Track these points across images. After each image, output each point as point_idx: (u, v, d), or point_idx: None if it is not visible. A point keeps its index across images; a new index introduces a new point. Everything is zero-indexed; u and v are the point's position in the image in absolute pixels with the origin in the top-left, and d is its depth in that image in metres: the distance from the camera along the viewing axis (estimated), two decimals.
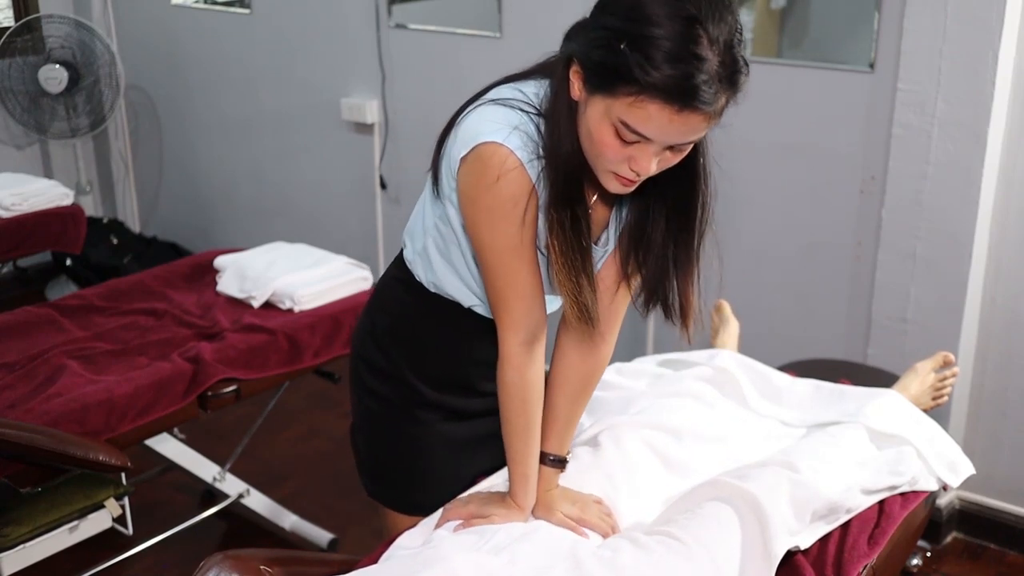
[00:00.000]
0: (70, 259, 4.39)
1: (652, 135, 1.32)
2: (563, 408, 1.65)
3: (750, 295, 3.04)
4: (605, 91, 1.32)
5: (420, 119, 3.70)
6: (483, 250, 1.48)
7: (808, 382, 2.12)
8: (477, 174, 1.43)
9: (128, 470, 2.24)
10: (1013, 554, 2.80)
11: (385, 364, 1.71)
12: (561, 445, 1.67)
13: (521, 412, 1.58)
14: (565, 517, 1.62)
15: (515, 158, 1.41)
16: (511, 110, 1.44)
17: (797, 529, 1.63)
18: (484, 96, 1.50)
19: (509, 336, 1.53)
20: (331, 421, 3.54)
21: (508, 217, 1.43)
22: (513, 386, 1.56)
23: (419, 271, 1.64)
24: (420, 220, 1.63)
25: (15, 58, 4.32)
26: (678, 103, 1.27)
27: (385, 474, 1.79)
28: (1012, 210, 2.60)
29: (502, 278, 1.49)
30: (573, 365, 1.64)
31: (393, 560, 1.52)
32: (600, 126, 1.34)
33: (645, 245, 1.51)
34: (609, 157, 1.36)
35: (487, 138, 1.41)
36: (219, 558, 1.53)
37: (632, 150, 1.34)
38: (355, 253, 3.31)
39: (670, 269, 1.51)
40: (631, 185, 1.40)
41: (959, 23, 2.45)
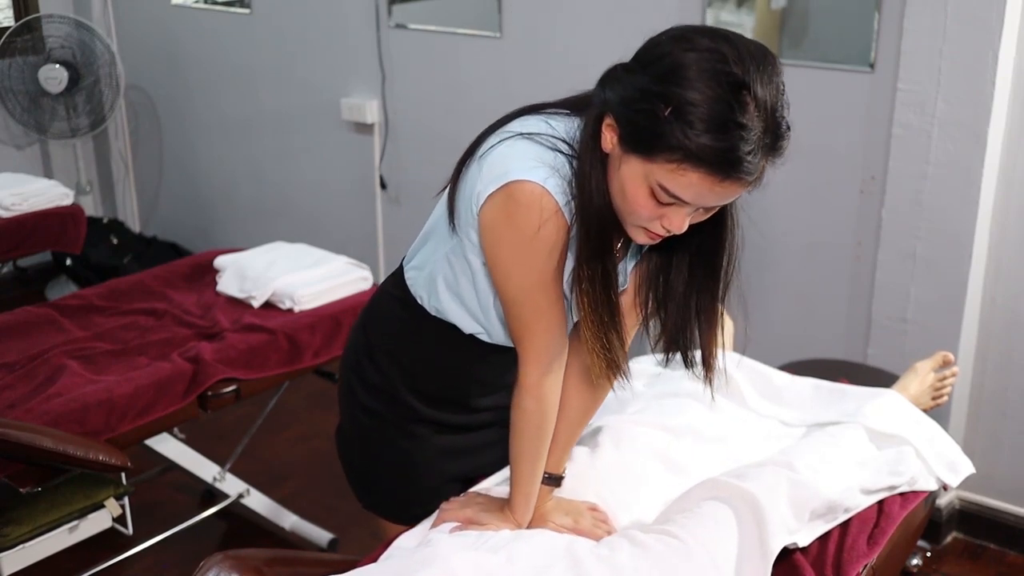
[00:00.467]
0: (70, 259, 4.39)
1: (690, 200, 1.29)
2: (563, 432, 1.63)
3: (750, 295, 3.03)
4: (643, 154, 1.28)
5: (420, 119, 3.70)
6: (511, 287, 1.44)
7: (807, 382, 2.12)
8: (508, 213, 1.37)
9: (128, 470, 2.24)
10: (1013, 554, 2.80)
11: (379, 380, 1.69)
12: (558, 464, 1.66)
13: (535, 438, 1.56)
14: (558, 527, 1.62)
15: (552, 200, 1.36)
16: (543, 148, 1.38)
17: (796, 528, 1.63)
18: (509, 126, 1.44)
19: (532, 368, 1.49)
20: (331, 421, 3.49)
21: (540, 256, 1.39)
22: (531, 413, 1.53)
23: (421, 294, 1.60)
24: (430, 249, 1.58)
25: (15, 58, 4.32)
26: (721, 173, 1.24)
27: (380, 487, 1.78)
28: (1012, 210, 2.60)
29: (529, 312, 1.44)
30: (579, 394, 1.61)
31: (391, 559, 1.52)
32: (635, 186, 1.31)
33: (666, 292, 1.48)
34: (642, 215, 1.33)
35: (520, 176, 1.35)
36: (219, 558, 1.53)
37: (666, 210, 1.32)
38: (355, 253, 3.31)
39: (692, 319, 1.48)
40: (658, 239, 1.38)
41: (959, 23, 2.45)
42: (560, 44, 3.28)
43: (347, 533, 2.90)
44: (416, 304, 1.61)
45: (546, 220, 1.35)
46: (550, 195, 1.35)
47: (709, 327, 1.49)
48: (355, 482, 1.82)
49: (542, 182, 1.35)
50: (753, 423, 2.00)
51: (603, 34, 3.15)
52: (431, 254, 1.57)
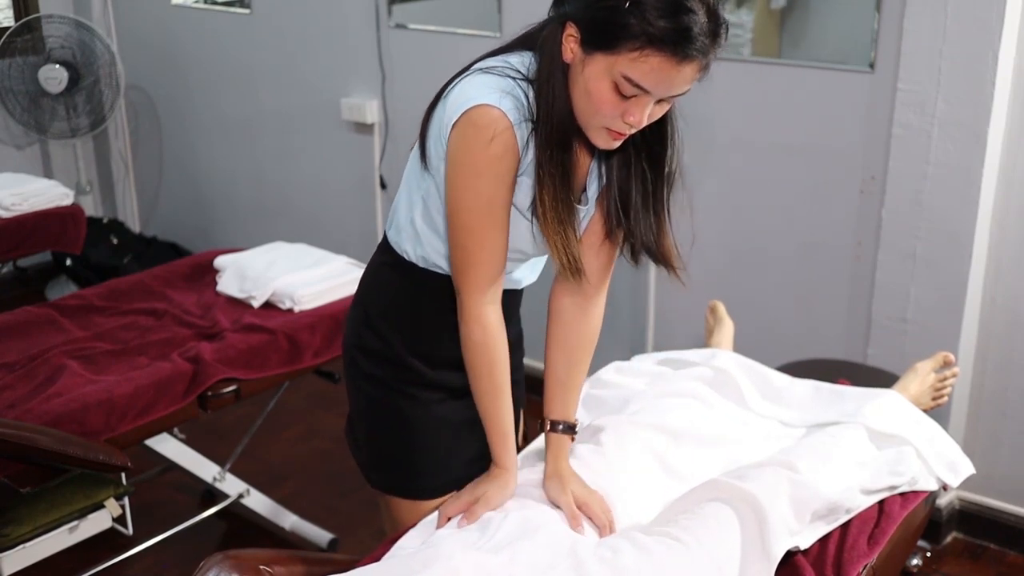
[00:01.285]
0: (70, 259, 4.39)
1: (652, 87, 1.40)
2: (562, 371, 1.70)
3: (750, 295, 3.04)
4: (607, 48, 1.40)
5: (420, 119, 3.69)
6: (459, 211, 1.53)
7: (807, 383, 2.12)
8: (468, 136, 1.48)
9: (128, 470, 2.24)
10: (1013, 554, 2.80)
11: (381, 347, 1.72)
12: (566, 410, 1.71)
13: (489, 372, 1.62)
14: (572, 498, 1.64)
15: (506, 119, 1.47)
16: (500, 77, 1.50)
17: (797, 529, 1.63)
18: (470, 68, 1.56)
19: (474, 296, 1.58)
20: (331, 421, 3.54)
21: (489, 176, 1.49)
22: (479, 345, 1.60)
23: (407, 247, 1.67)
24: (405, 199, 1.66)
25: (15, 58, 4.32)
26: (679, 54, 1.37)
27: (385, 459, 1.79)
28: (1012, 210, 2.60)
29: (473, 238, 1.54)
30: (568, 326, 1.70)
31: (393, 559, 1.52)
32: (600, 83, 1.42)
33: (625, 200, 1.58)
34: (606, 112, 1.44)
35: (478, 101, 1.47)
36: (219, 558, 1.53)
37: (628, 104, 1.43)
38: (355, 253, 3.31)
39: (651, 219, 1.59)
40: (620, 139, 1.49)
41: (959, 23, 2.45)
42: None
43: (347, 533, 2.91)
44: (404, 261, 1.68)
45: (499, 137, 1.47)
46: (503, 114, 1.46)
47: (660, 223, 1.60)
48: (363, 461, 1.83)
49: (497, 103, 1.47)
50: (753, 423, 2.00)
51: None
52: (407, 202, 1.66)
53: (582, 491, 1.66)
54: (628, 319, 3.33)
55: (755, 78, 2.89)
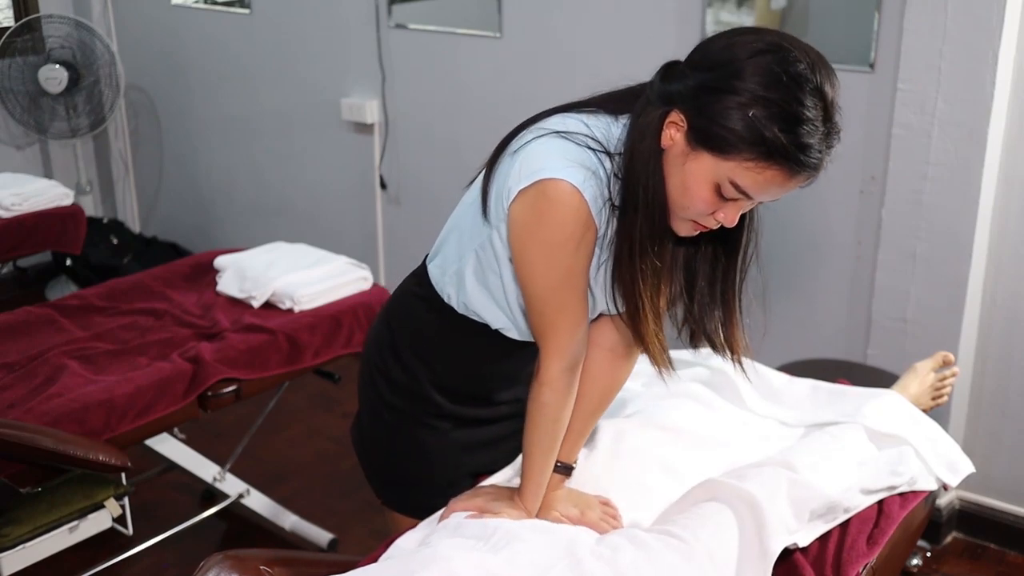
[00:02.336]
0: (70, 259, 4.39)
1: (758, 195, 1.34)
2: (578, 421, 1.66)
3: (750, 295, 3.03)
4: (719, 152, 1.31)
5: (420, 119, 3.70)
6: (535, 282, 1.46)
7: (806, 382, 2.12)
8: (539, 210, 1.39)
9: (128, 470, 2.24)
10: (1013, 554, 2.80)
11: (405, 379, 1.71)
12: (570, 454, 1.68)
13: (550, 431, 1.58)
14: (561, 516, 1.63)
15: (582, 198, 1.38)
16: (579, 147, 1.40)
17: (795, 528, 1.63)
18: (545, 123, 1.46)
19: (554, 362, 1.52)
20: (331, 421, 3.54)
21: (567, 253, 1.42)
22: (549, 407, 1.55)
23: (449, 292, 1.61)
24: (455, 244, 1.59)
25: (15, 58, 4.32)
26: (796, 169, 1.30)
27: (399, 483, 1.80)
28: (1012, 210, 2.60)
29: (553, 308, 1.47)
30: (595, 378, 1.64)
31: (392, 559, 1.52)
32: (701, 182, 1.34)
33: (691, 281, 1.52)
34: (700, 210, 1.37)
35: (554, 175, 1.38)
36: (219, 558, 1.53)
37: (725, 204, 1.36)
38: (355, 253, 3.31)
39: (717, 306, 1.53)
40: (701, 231, 1.42)
41: (959, 23, 2.45)
42: (560, 44, 3.28)
43: (347, 533, 2.91)
44: (442, 303, 1.63)
45: (575, 221, 1.39)
46: (582, 196, 1.38)
47: (730, 312, 1.54)
48: (374, 479, 1.83)
49: (577, 183, 1.37)
50: (752, 424, 2.00)
51: (603, 34, 3.15)
52: (457, 249, 1.58)
53: (572, 510, 1.64)
54: None
55: None
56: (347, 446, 3.31)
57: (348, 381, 2.94)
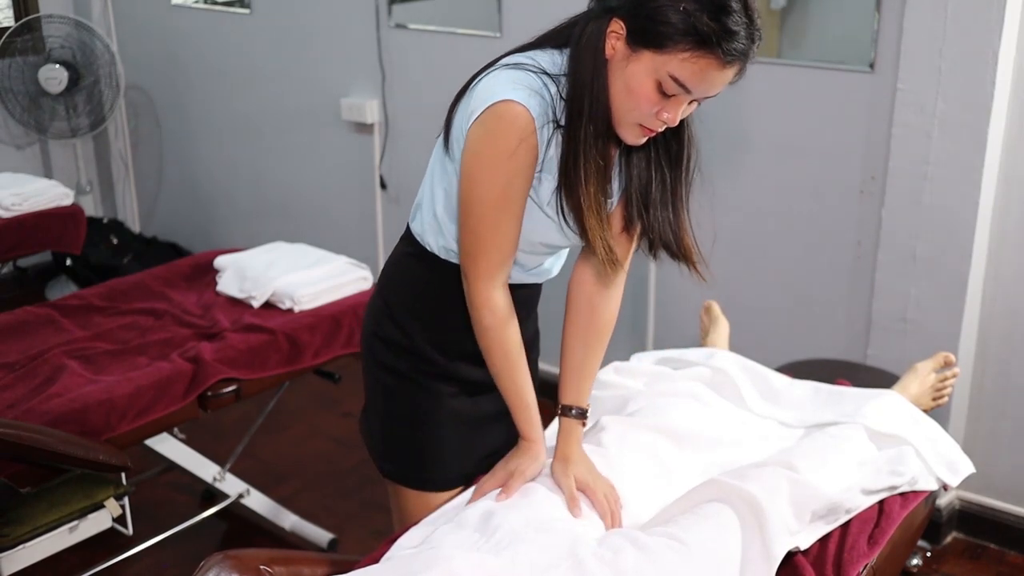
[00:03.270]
0: (70, 259, 4.39)
1: (696, 87, 1.44)
2: (577, 357, 1.74)
3: (750, 295, 3.04)
4: (656, 47, 1.43)
5: (420, 119, 3.70)
6: (473, 201, 1.56)
7: (807, 383, 2.12)
8: (489, 129, 1.51)
9: (128, 470, 2.24)
10: (1013, 554, 2.80)
11: (401, 338, 1.76)
12: (579, 396, 1.74)
13: (502, 352, 1.66)
14: (574, 481, 1.66)
15: (529, 116, 1.49)
16: (527, 73, 1.52)
17: (796, 529, 1.63)
18: (498, 63, 1.58)
19: (483, 281, 1.61)
20: (331, 421, 3.54)
21: (506, 170, 1.52)
22: (491, 328, 1.64)
23: (429, 239, 1.70)
24: (428, 190, 1.70)
25: (15, 58, 4.32)
26: (727, 55, 1.42)
27: (398, 449, 1.82)
28: (1012, 210, 2.60)
29: (485, 226, 1.56)
30: (585, 313, 1.74)
31: (393, 560, 1.52)
32: (644, 81, 1.45)
33: (646, 197, 1.62)
34: (644, 110, 1.47)
35: (503, 96, 1.49)
36: (219, 558, 1.53)
37: (667, 102, 1.47)
38: (355, 253, 3.31)
39: (670, 216, 1.63)
40: (649, 136, 1.53)
41: (959, 23, 2.45)
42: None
43: (347, 533, 2.91)
44: (426, 252, 1.71)
45: (519, 138, 1.50)
46: (527, 111, 1.49)
47: (680, 220, 1.64)
48: (375, 449, 1.86)
49: (523, 101, 1.49)
50: (752, 424, 2.00)
51: None
52: (430, 194, 1.70)
53: (586, 475, 1.67)
54: (628, 319, 3.33)
55: (755, 78, 2.87)
56: (347, 446, 3.32)
57: (348, 381, 2.94)
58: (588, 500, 1.66)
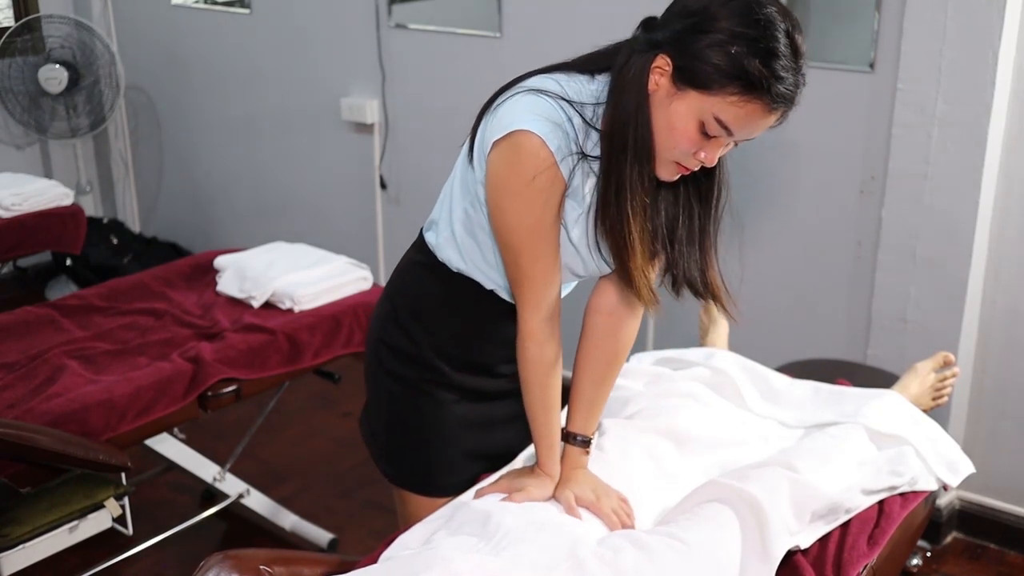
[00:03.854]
0: (70, 259, 4.39)
1: (739, 130, 1.42)
2: (588, 387, 1.71)
3: (750, 295, 3.04)
4: (703, 88, 1.40)
5: (420, 119, 3.70)
6: (508, 232, 1.54)
7: (807, 384, 2.12)
8: (509, 159, 1.49)
9: (128, 470, 2.24)
10: (1013, 554, 2.80)
11: (408, 346, 1.74)
12: (586, 426, 1.72)
13: (542, 385, 1.64)
14: (573, 499, 1.64)
15: (547, 149, 1.47)
16: (549, 102, 1.49)
17: (796, 529, 1.63)
18: (523, 83, 1.55)
19: (531, 314, 1.59)
20: (331, 421, 3.54)
21: (536, 202, 1.50)
22: (535, 362, 1.62)
23: (444, 254, 1.69)
24: (447, 206, 1.68)
25: (15, 58, 4.32)
26: (775, 103, 1.40)
27: (402, 455, 1.81)
28: (1012, 210, 2.60)
29: (525, 257, 1.54)
30: (600, 342, 1.71)
31: (393, 560, 1.52)
32: (687, 119, 1.42)
33: (672, 232, 1.60)
34: (684, 148, 1.45)
35: (522, 126, 1.47)
36: (219, 558, 1.53)
37: (707, 143, 1.45)
38: (355, 253, 3.31)
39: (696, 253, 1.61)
40: (683, 173, 1.50)
41: (959, 23, 2.45)
42: (560, 44, 3.27)
43: (347, 533, 2.91)
44: (440, 265, 1.69)
45: (542, 170, 1.47)
46: (547, 148, 1.47)
47: (707, 258, 1.62)
48: (378, 454, 1.86)
49: (541, 134, 1.46)
50: (752, 424, 2.00)
51: (603, 34, 3.13)
52: (449, 209, 1.67)
53: (588, 495, 1.65)
54: None
55: None
56: (347, 446, 3.32)
57: (348, 381, 2.94)
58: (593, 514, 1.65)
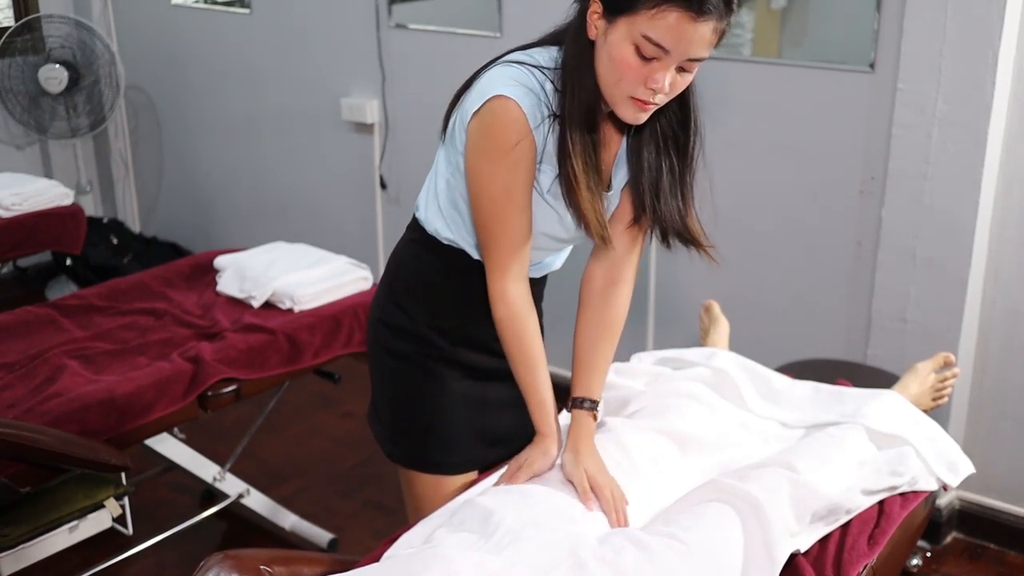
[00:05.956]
0: (70, 259, 4.39)
1: (671, 45, 1.44)
2: (587, 350, 1.76)
3: (750, 295, 3.04)
4: (627, 10, 1.45)
5: (420, 119, 3.70)
6: (480, 194, 1.60)
7: (807, 384, 2.12)
8: (485, 124, 1.56)
9: (128, 470, 2.24)
10: (1013, 554, 2.80)
11: (405, 322, 1.78)
12: (590, 388, 1.76)
13: (518, 344, 1.69)
14: (584, 475, 1.66)
15: (519, 109, 1.54)
16: (522, 70, 1.57)
17: (797, 530, 1.63)
18: (500, 59, 1.63)
19: (499, 275, 1.65)
20: (331, 421, 3.54)
21: (506, 164, 1.56)
22: (507, 320, 1.67)
23: (436, 225, 1.73)
24: (431, 180, 1.75)
25: (15, 58, 4.32)
26: (695, 8, 1.42)
27: (404, 433, 1.83)
28: (1012, 210, 2.60)
29: (496, 221, 1.61)
30: (595, 307, 1.77)
31: (393, 560, 1.52)
32: (622, 47, 1.47)
33: (656, 187, 1.65)
34: (629, 78, 1.49)
35: (497, 92, 1.55)
36: (219, 558, 1.53)
37: (648, 68, 1.47)
38: (355, 253, 3.31)
39: (678, 203, 1.66)
40: (645, 109, 1.53)
41: (959, 23, 2.45)
42: None
43: (347, 533, 2.91)
44: (430, 237, 1.75)
45: (513, 130, 1.54)
46: (520, 108, 1.54)
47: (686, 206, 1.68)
48: (383, 435, 1.87)
49: (515, 97, 1.54)
50: (752, 425, 2.00)
51: None
52: (434, 182, 1.74)
53: (596, 471, 1.67)
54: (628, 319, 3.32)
55: (755, 78, 2.89)
56: (347, 446, 3.32)
57: (348, 381, 2.94)
58: (594, 497, 1.66)
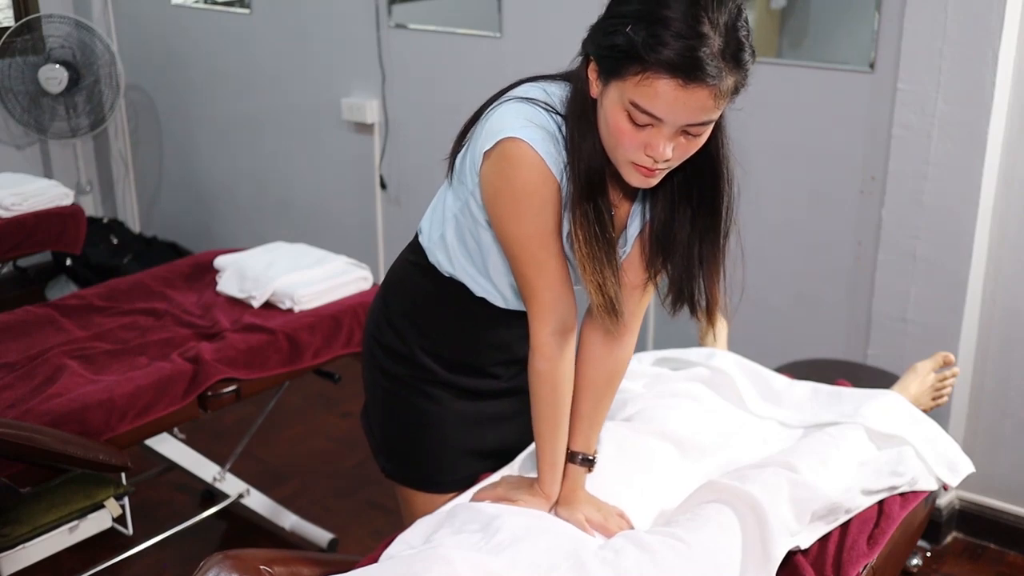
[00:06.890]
0: (70, 259, 4.39)
1: (661, 113, 1.34)
2: (586, 407, 1.68)
3: (750, 295, 3.03)
4: (617, 75, 1.36)
5: (420, 119, 3.70)
6: (510, 242, 1.52)
7: (806, 384, 2.12)
8: (499, 168, 1.47)
9: (128, 470, 2.24)
10: (1013, 554, 2.80)
11: (399, 345, 1.75)
12: (588, 444, 1.69)
13: (551, 402, 1.61)
14: (584, 520, 1.63)
15: (536, 153, 1.45)
16: (535, 108, 1.48)
17: (797, 530, 1.63)
18: (510, 93, 1.54)
19: (540, 326, 1.56)
20: (331, 421, 3.54)
21: (531, 208, 1.48)
22: (544, 375, 1.59)
23: (438, 257, 1.68)
24: (440, 211, 1.67)
25: (15, 58, 4.32)
26: (682, 76, 1.31)
27: (400, 451, 1.82)
28: (1012, 210, 2.60)
29: (530, 268, 1.52)
30: (595, 363, 1.67)
31: (393, 560, 1.52)
32: (615, 113, 1.38)
33: (670, 245, 1.54)
34: (626, 145, 1.39)
35: (511, 133, 1.46)
36: (219, 558, 1.53)
37: (646, 135, 1.38)
38: (355, 253, 3.31)
39: (696, 268, 1.55)
40: (651, 175, 1.43)
41: (959, 23, 2.45)
42: (560, 44, 3.27)
43: (347, 533, 2.91)
44: (431, 267, 1.69)
45: (533, 175, 1.45)
46: (536, 152, 1.45)
47: (712, 275, 1.56)
48: (377, 450, 1.86)
49: (530, 140, 1.45)
50: (752, 425, 2.00)
51: None
52: (441, 214, 1.66)
53: (596, 515, 1.64)
54: None
55: (755, 78, 2.88)
56: (347, 446, 3.32)
57: (348, 381, 2.94)
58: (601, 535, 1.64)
